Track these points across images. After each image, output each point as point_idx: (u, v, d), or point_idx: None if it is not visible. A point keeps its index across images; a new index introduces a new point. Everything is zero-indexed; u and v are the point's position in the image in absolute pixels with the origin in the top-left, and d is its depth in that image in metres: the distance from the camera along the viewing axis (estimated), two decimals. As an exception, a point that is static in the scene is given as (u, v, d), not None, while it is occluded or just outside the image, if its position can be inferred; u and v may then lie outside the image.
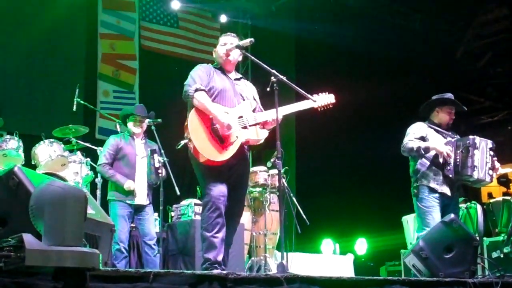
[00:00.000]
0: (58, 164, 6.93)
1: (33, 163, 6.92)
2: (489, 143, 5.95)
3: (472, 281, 4.61)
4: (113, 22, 10.84)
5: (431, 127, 6.04)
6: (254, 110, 4.90)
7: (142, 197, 6.42)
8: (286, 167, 6.59)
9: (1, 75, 9.33)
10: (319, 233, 10.75)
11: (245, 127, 4.76)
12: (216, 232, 4.58)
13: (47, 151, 6.89)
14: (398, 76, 11.59)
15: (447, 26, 12.74)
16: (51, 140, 7.05)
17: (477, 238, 5.84)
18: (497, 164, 5.95)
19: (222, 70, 4.94)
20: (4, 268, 2.71)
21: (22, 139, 6.89)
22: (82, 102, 7.73)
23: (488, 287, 4.66)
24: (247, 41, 4.90)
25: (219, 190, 4.63)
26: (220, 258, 4.60)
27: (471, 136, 5.89)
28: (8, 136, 6.79)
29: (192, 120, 4.64)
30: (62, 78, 9.72)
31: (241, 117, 4.79)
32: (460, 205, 6.69)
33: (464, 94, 12.43)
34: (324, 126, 11.27)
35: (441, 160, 5.85)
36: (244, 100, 4.90)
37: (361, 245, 11.52)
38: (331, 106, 5.02)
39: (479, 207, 7.17)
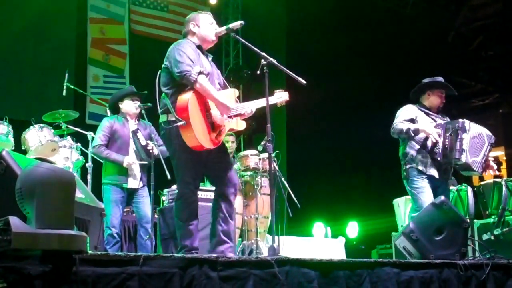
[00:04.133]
0: (48, 149, 6.88)
1: (23, 148, 6.87)
2: (492, 139, 5.95)
3: (462, 263, 4.63)
4: (103, 6, 10.77)
5: (421, 110, 6.02)
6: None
7: (135, 181, 6.38)
8: (277, 151, 6.55)
9: (-10, 60, 9.28)
10: (310, 217, 10.79)
11: (230, 117, 4.72)
12: (192, 220, 4.56)
13: (37, 136, 6.84)
14: (389, 59, 11.58)
15: (438, 9, 12.72)
16: (41, 125, 6.99)
17: (468, 220, 5.84)
18: (493, 165, 5.95)
19: (201, 48, 4.80)
20: (-9, 252, 2.70)
21: (11, 124, 6.84)
22: (72, 86, 7.68)
23: (478, 268, 4.68)
24: (237, 24, 4.85)
25: (195, 179, 4.61)
26: (196, 244, 4.57)
27: (460, 120, 5.88)
28: (-2, 121, 6.75)
29: (192, 103, 4.48)
30: (52, 63, 9.66)
31: None
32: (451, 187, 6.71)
33: (455, 78, 12.45)
34: (315, 110, 11.29)
35: (429, 142, 5.85)
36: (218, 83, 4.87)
37: (353, 229, 11.56)
38: (284, 104, 5.22)
39: (469, 189, 7.19)
